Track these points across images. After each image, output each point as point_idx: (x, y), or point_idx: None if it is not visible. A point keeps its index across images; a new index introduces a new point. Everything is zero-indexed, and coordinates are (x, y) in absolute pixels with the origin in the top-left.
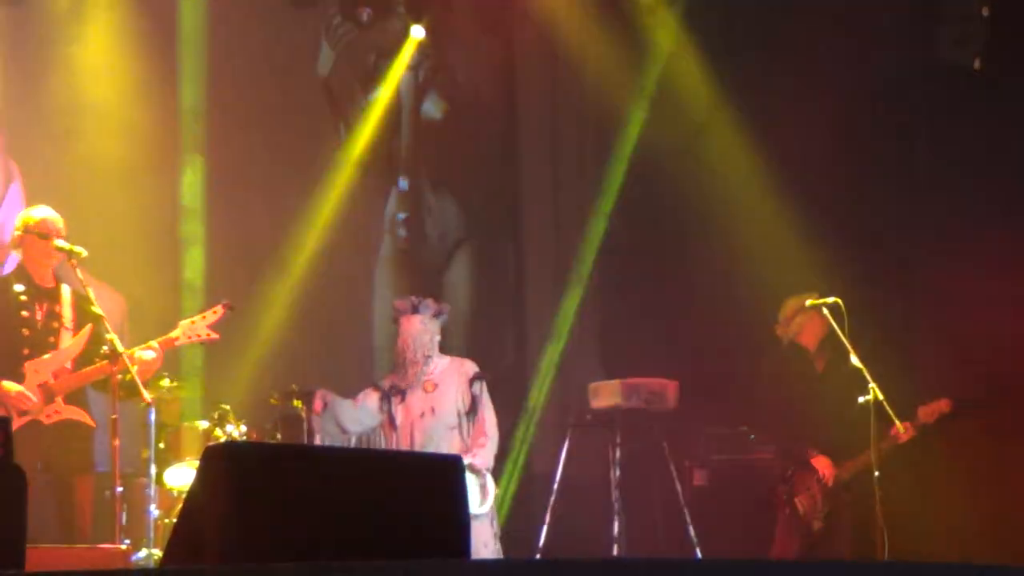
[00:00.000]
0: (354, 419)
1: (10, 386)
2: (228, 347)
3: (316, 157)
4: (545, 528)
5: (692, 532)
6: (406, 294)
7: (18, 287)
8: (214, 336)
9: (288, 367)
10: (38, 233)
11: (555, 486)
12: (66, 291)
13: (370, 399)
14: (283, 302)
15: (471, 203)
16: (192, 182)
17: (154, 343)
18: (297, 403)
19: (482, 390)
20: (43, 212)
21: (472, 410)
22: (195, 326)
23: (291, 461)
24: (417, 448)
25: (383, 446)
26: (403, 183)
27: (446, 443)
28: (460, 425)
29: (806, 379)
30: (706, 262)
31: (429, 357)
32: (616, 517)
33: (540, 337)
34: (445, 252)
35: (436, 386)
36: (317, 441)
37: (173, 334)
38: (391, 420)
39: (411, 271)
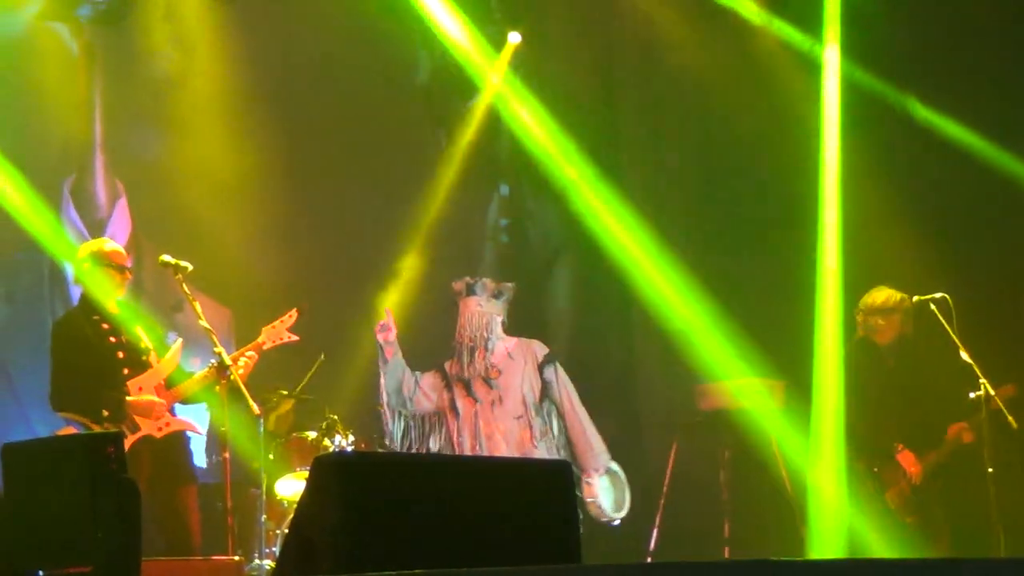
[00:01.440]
0: (411, 391)
1: (137, 398)
2: (335, 358)
3: (417, 166)
4: (655, 531)
5: (803, 532)
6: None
7: (95, 316)
8: (294, 338)
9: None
10: (115, 267)
11: (664, 488)
12: (129, 315)
13: (428, 380)
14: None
15: (571, 206)
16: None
17: (247, 351)
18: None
19: (556, 373)
20: (114, 245)
21: (545, 397)
22: (276, 330)
23: (400, 470)
24: (482, 440)
25: (447, 436)
26: (504, 189)
27: (513, 435)
28: (528, 415)
29: (880, 374)
30: (801, 258)
31: (488, 339)
32: (726, 518)
33: (645, 339)
34: (547, 256)
35: (500, 372)
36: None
37: (260, 339)
38: (453, 409)
39: (513, 277)
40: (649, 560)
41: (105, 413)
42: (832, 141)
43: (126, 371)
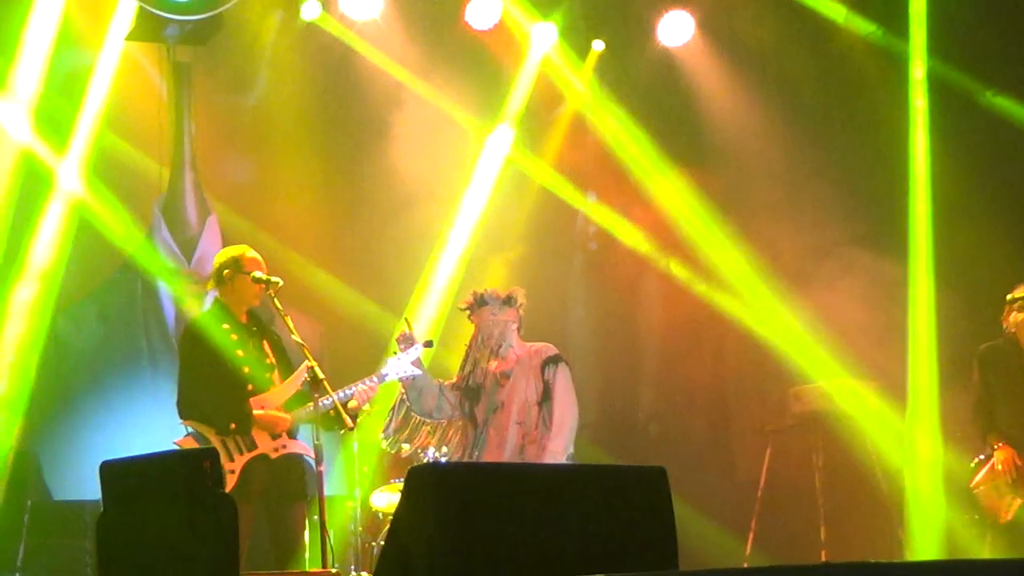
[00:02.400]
0: (433, 400)
1: (265, 413)
2: (429, 368)
3: (505, 175)
4: (751, 536)
5: (900, 535)
6: (598, 307)
7: (226, 325)
8: (417, 372)
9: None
10: (252, 276)
11: (759, 493)
12: (260, 327)
13: (449, 391)
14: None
15: (660, 212)
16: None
17: (368, 379)
18: None
19: (556, 374)
20: (253, 253)
21: (545, 400)
22: (400, 362)
23: (494, 480)
24: (492, 446)
25: (469, 443)
26: (592, 196)
27: (510, 438)
28: (528, 420)
29: (1012, 372)
30: (891, 257)
31: (500, 346)
32: (822, 522)
33: (736, 344)
34: (636, 263)
35: (508, 378)
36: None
37: (383, 371)
38: (472, 417)
39: (603, 283)
40: (745, 565)
41: (232, 426)
42: (920, 137)
43: (250, 387)
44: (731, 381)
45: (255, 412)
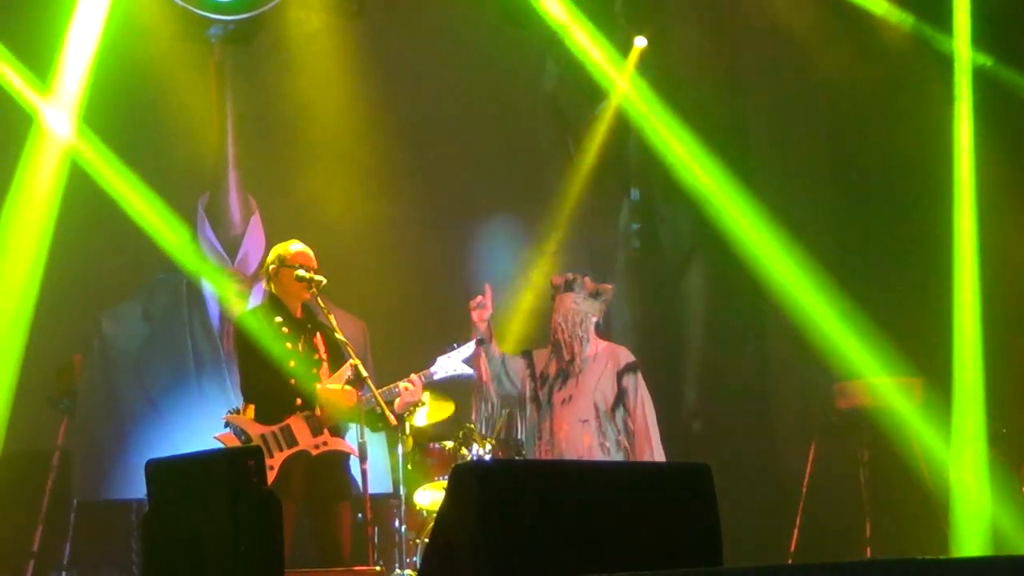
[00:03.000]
0: (497, 370)
1: (330, 389)
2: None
3: (546, 173)
4: (796, 532)
5: (946, 531)
6: (641, 305)
7: (278, 319)
8: (468, 371)
9: None
10: (293, 266)
11: (803, 489)
12: (314, 322)
13: (514, 365)
14: (521, 319)
15: (702, 210)
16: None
17: (415, 377)
18: None
19: (636, 384)
20: (300, 246)
21: (618, 405)
22: (451, 360)
23: (539, 477)
24: (555, 437)
25: (531, 427)
26: (634, 194)
27: (576, 437)
28: (597, 420)
29: None
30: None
31: (583, 339)
32: (867, 518)
33: (780, 339)
34: (679, 260)
35: (581, 371)
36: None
37: (432, 369)
38: (536, 400)
39: (646, 281)
40: (790, 562)
41: (298, 401)
42: (964, 131)
43: (292, 382)
44: (775, 377)
45: (323, 387)
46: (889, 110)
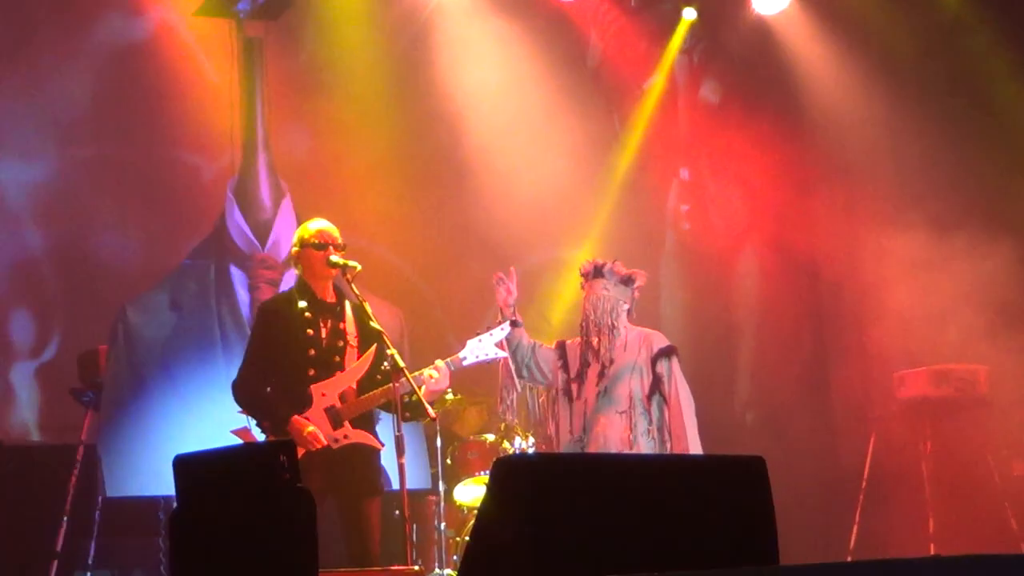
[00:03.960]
0: (526, 357)
1: (303, 424)
2: None
3: (592, 152)
4: (855, 528)
5: (1014, 526)
6: (692, 289)
7: (302, 303)
8: (502, 355)
9: None
10: (315, 245)
11: (863, 483)
12: (348, 307)
13: (545, 353)
14: (566, 305)
15: (756, 190)
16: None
17: (440, 363)
18: None
19: (671, 369)
20: (319, 224)
21: (654, 393)
22: (482, 344)
23: (584, 471)
24: (592, 431)
25: (560, 419)
26: (684, 173)
27: (613, 430)
28: (632, 411)
29: None
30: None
31: (614, 327)
32: (931, 513)
33: (838, 325)
34: (731, 243)
35: (613, 361)
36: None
37: (461, 354)
38: (568, 392)
39: (697, 264)
40: (849, 559)
41: (265, 424)
42: None
43: (311, 372)
44: (833, 365)
45: (294, 419)
46: (953, 86)
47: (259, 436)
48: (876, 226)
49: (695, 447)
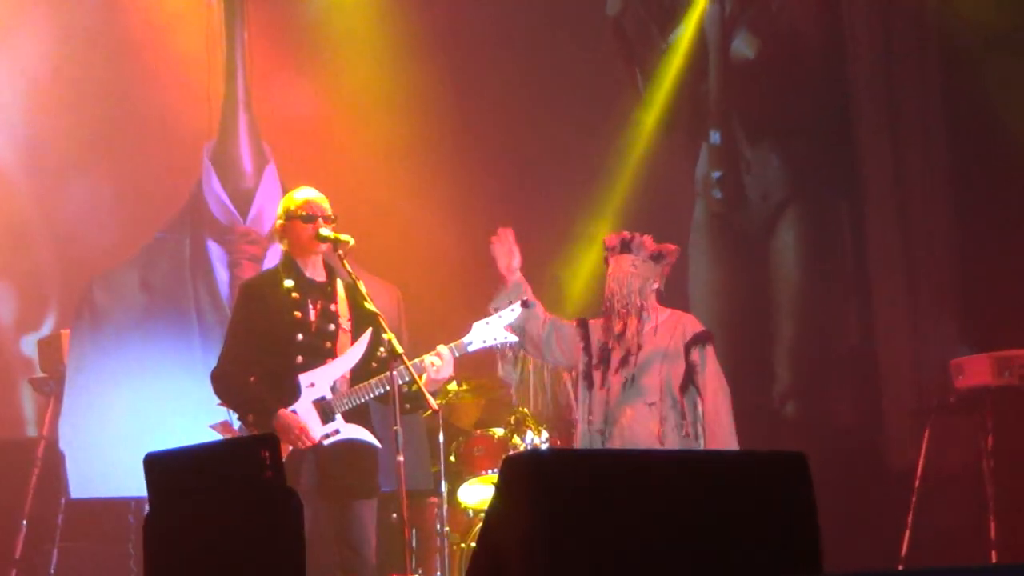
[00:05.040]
0: (545, 333)
1: (290, 418)
2: None
3: (612, 111)
4: (907, 533)
5: None
6: (724, 264)
7: (288, 282)
8: (511, 339)
9: None
10: (302, 217)
11: (916, 483)
12: (340, 286)
13: (567, 330)
14: (585, 282)
15: (796, 156)
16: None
17: (443, 349)
18: None
19: (706, 358)
20: (306, 193)
21: (687, 383)
22: (490, 328)
23: (604, 470)
24: (617, 424)
25: (579, 407)
26: (715, 136)
27: (640, 424)
28: (662, 404)
29: None
30: None
31: (642, 309)
32: (992, 516)
33: (888, 308)
34: (768, 214)
35: (641, 347)
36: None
37: (466, 339)
38: (588, 377)
39: (729, 237)
40: (900, 567)
41: (250, 418)
42: None
43: (299, 359)
44: (882, 351)
45: (280, 413)
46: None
47: (241, 432)
48: (928, 185)
49: (731, 444)
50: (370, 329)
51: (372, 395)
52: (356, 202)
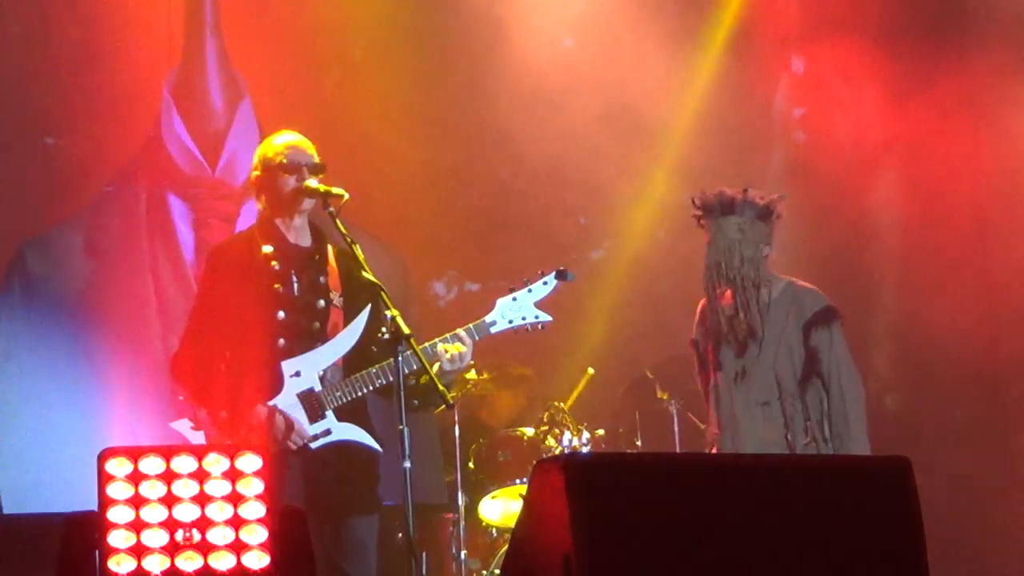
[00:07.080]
0: None
1: (269, 415)
2: (559, 326)
3: (670, 36)
4: None
5: None
6: (808, 224)
7: (266, 248)
8: (545, 319)
9: (628, 348)
10: (283, 166)
11: None
12: (331, 252)
13: None
14: (636, 244)
15: (899, 91)
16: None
17: (460, 331)
18: (662, 395)
19: (831, 342)
20: (287, 137)
21: (810, 375)
22: (518, 305)
23: (660, 478)
24: (721, 426)
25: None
26: (798, 65)
27: (755, 427)
28: (779, 402)
29: None
30: None
31: (757, 283)
32: None
33: (1013, 284)
34: (864, 162)
35: (753, 332)
36: None
37: (488, 318)
38: (703, 373)
39: (816, 188)
40: None
41: (223, 413)
42: None
43: (281, 342)
44: (1005, 337)
45: (257, 409)
46: None
47: (197, 437)
48: None
49: (863, 448)
50: (369, 305)
51: (371, 387)
52: (351, 148)
